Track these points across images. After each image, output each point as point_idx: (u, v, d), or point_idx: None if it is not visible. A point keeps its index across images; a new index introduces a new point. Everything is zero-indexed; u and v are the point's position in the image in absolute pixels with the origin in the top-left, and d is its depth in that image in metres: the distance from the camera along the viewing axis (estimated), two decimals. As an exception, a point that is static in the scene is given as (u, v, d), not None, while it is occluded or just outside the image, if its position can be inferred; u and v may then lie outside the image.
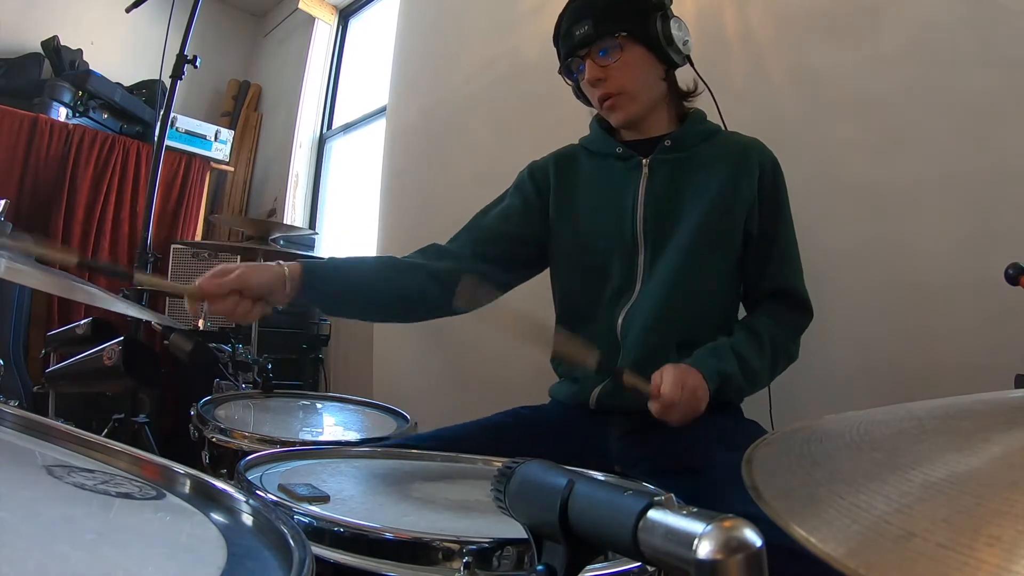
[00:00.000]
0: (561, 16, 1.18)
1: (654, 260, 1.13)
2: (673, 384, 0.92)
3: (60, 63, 3.47)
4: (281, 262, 1.00)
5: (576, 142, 1.28)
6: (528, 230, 1.23)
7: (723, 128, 1.23)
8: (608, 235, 1.16)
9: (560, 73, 1.21)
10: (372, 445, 1.02)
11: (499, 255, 1.21)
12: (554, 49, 1.21)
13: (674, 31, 1.12)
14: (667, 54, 1.13)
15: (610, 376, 0.96)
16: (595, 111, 1.23)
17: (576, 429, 1.13)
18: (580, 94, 1.22)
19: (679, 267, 1.10)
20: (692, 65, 1.21)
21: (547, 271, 1.28)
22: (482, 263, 1.19)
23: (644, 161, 1.16)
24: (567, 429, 1.13)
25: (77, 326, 1.86)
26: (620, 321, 1.12)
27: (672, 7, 1.16)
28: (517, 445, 1.06)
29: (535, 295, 1.28)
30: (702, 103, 1.24)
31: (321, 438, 1.32)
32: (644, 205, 1.14)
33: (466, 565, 0.51)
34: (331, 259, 1.10)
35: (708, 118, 1.23)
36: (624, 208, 1.15)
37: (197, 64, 2.22)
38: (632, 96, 1.14)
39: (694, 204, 1.12)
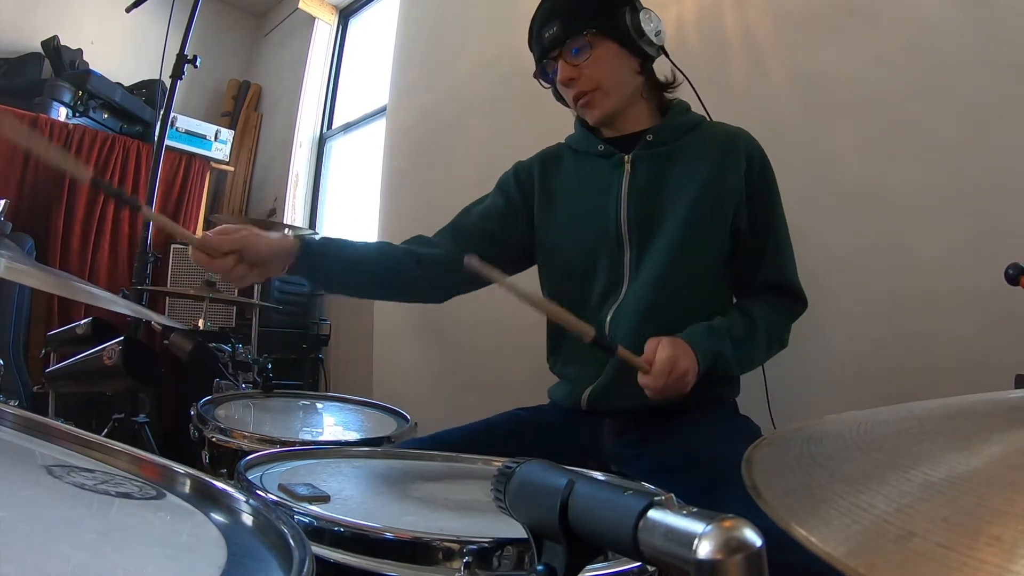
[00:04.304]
0: (533, 19, 1.17)
1: (640, 258, 1.12)
2: (664, 364, 0.94)
3: (60, 63, 3.47)
4: (286, 232, 1.02)
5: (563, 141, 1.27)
6: (509, 231, 1.23)
7: (707, 118, 1.22)
8: (593, 234, 1.15)
9: (536, 77, 1.20)
10: (371, 446, 1.02)
11: (479, 255, 1.21)
12: None
13: (644, 23, 1.11)
14: (639, 47, 1.12)
15: (606, 351, 0.95)
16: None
17: (571, 430, 1.13)
18: (559, 96, 1.21)
19: (665, 265, 1.09)
20: (667, 56, 1.19)
21: (533, 271, 1.27)
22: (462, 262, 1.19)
23: (626, 158, 1.15)
24: (563, 430, 1.13)
25: (77, 326, 1.86)
26: (608, 321, 1.11)
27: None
28: (515, 447, 1.07)
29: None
30: (689, 98, 1.23)
31: (321, 438, 1.32)
32: (628, 202, 1.13)
33: (466, 565, 0.51)
34: (326, 237, 1.12)
35: (693, 108, 1.21)
36: (608, 206, 1.14)
37: (197, 64, 2.22)
38: (606, 92, 1.13)
39: (679, 199, 1.11)
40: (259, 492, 0.62)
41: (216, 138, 3.76)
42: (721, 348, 1.02)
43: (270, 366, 1.75)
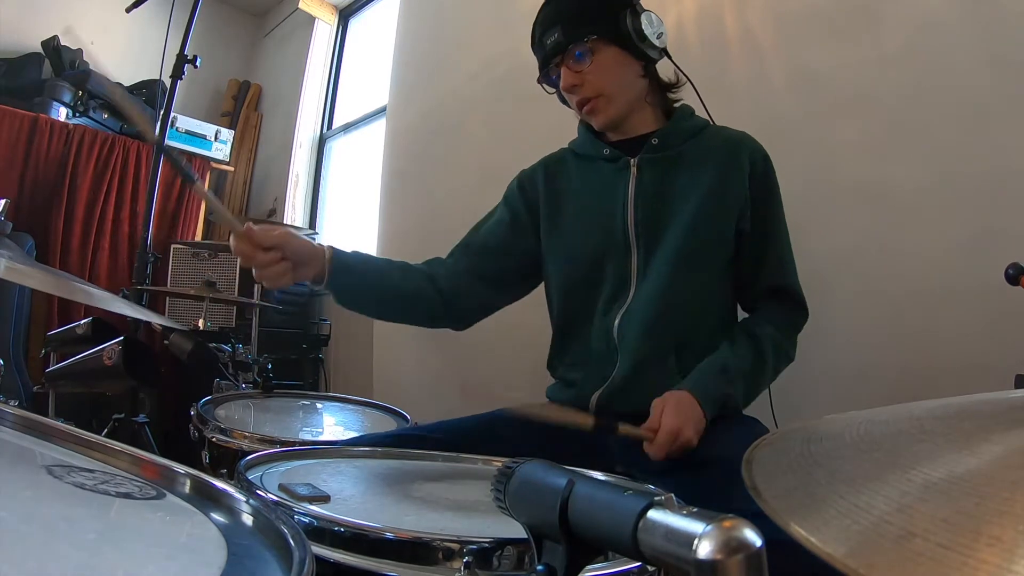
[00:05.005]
0: (535, 24, 1.16)
1: (647, 262, 1.12)
2: (667, 436, 0.94)
3: (60, 63, 3.47)
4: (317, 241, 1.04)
5: (566, 146, 1.27)
6: (519, 244, 1.22)
7: (711, 122, 1.21)
8: (600, 238, 1.14)
9: (539, 82, 1.19)
10: (372, 445, 1.02)
11: (495, 272, 1.21)
12: None
13: (645, 26, 1.10)
14: (641, 51, 1.11)
15: (608, 431, 0.96)
16: None
17: (576, 432, 1.13)
18: (564, 99, 1.20)
19: (673, 268, 1.09)
20: (670, 58, 1.18)
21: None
22: (478, 281, 1.20)
23: (632, 162, 1.14)
24: (567, 431, 1.13)
25: (77, 326, 1.86)
26: (616, 325, 1.11)
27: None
28: (518, 441, 1.07)
29: (533, 301, 1.27)
30: (691, 99, 1.23)
31: (321, 438, 1.33)
32: (634, 206, 1.12)
33: (466, 565, 0.51)
34: (355, 252, 1.12)
35: (696, 111, 1.21)
36: (614, 210, 1.14)
37: (197, 64, 2.22)
38: (610, 98, 1.13)
39: (685, 203, 1.11)
40: (259, 492, 0.63)
41: (216, 138, 3.76)
42: (729, 390, 1.02)
43: (270, 366, 1.75)
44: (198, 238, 3.68)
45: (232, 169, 4.02)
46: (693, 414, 0.97)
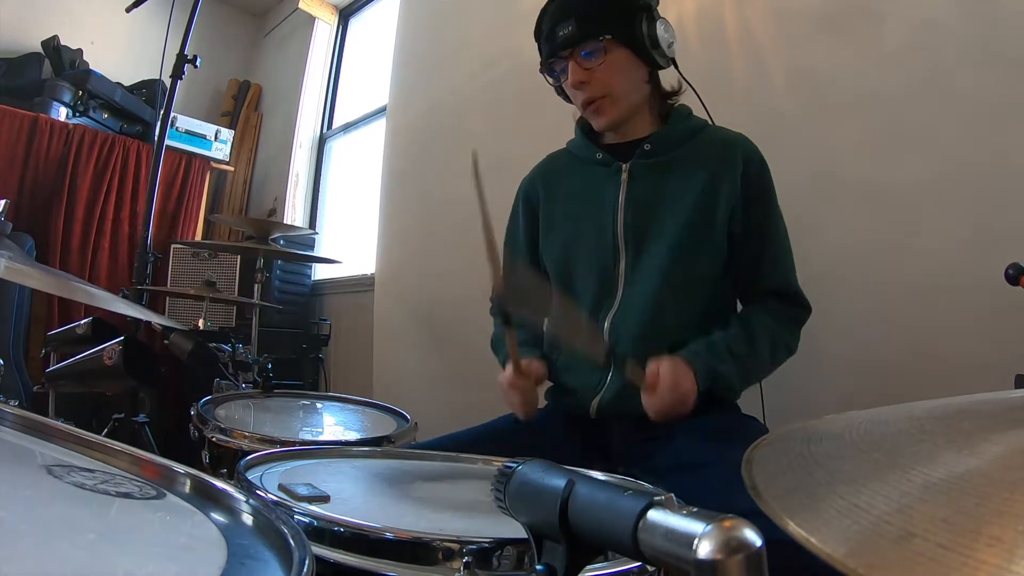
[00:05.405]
0: (543, 13, 1.15)
1: (635, 265, 1.12)
2: (665, 386, 0.97)
3: (60, 63, 3.47)
4: (521, 355, 1.11)
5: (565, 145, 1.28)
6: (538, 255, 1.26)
7: (710, 123, 1.21)
8: (588, 241, 1.15)
9: (542, 72, 1.18)
10: (371, 446, 1.02)
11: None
12: None
13: (660, 33, 1.09)
14: (652, 57, 1.11)
15: (614, 368, 0.98)
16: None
17: (576, 436, 1.13)
18: (562, 93, 1.20)
19: (663, 272, 1.09)
20: (676, 67, 1.18)
21: None
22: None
23: (624, 167, 1.14)
24: (567, 435, 1.13)
25: (77, 326, 1.86)
26: (607, 328, 1.11)
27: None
28: (517, 451, 1.07)
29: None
30: (693, 101, 1.23)
31: (321, 438, 1.32)
32: (624, 211, 1.12)
33: (466, 565, 0.51)
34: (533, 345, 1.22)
35: (699, 115, 1.21)
36: (604, 216, 1.14)
37: (197, 64, 2.22)
38: (616, 99, 1.12)
39: (675, 210, 1.11)
40: (259, 492, 0.63)
41: (216, 138, 3.76)
42: (720, 366, 1.03)
43: (270, 366, 1.75)
44: (198, 238, 3.68)
45: (232, 169, 4.02)
46: (687, 374, 0.99)
